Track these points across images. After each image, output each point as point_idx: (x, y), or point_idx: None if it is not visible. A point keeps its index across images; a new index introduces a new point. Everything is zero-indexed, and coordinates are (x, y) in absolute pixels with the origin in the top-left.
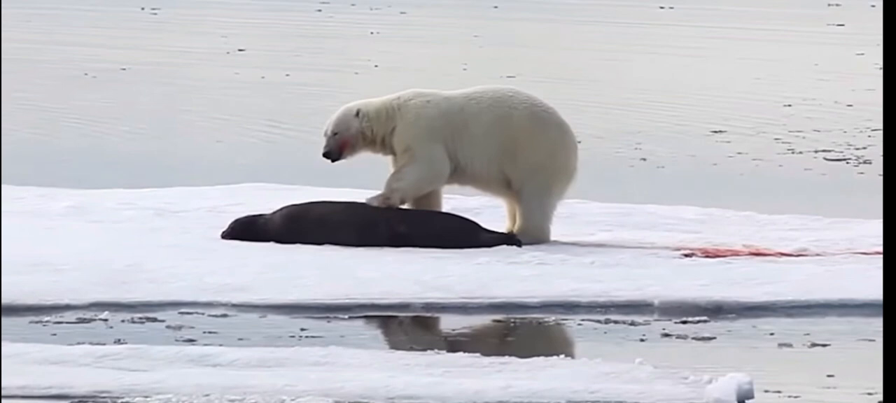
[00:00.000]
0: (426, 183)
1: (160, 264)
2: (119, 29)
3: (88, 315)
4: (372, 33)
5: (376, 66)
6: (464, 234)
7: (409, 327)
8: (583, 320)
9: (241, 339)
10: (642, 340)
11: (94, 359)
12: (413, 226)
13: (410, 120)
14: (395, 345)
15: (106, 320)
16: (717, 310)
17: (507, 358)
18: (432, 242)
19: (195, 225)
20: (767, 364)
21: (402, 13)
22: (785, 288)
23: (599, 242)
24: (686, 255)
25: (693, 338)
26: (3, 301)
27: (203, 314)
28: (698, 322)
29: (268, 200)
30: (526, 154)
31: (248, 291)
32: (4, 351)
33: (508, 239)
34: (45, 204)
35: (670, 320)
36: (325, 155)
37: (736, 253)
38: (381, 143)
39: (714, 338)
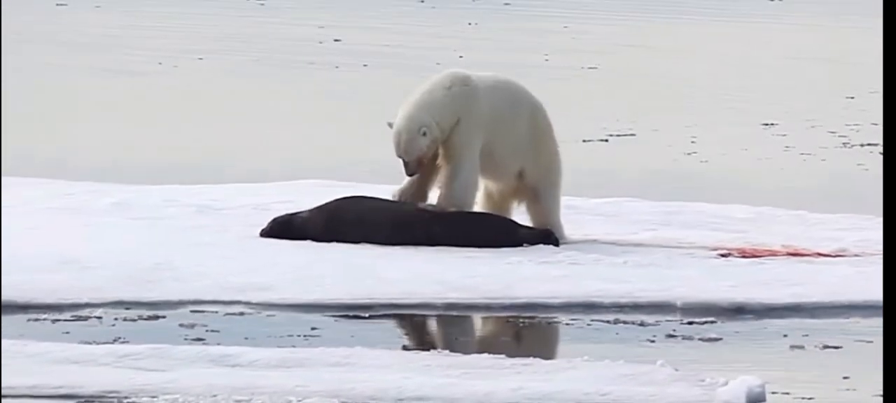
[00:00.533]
0: (476, 187)
1: (188, 263)
2: (222, 16)
3: (104, 313)
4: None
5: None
6: (501, 234)
7: (433, 327)
8: (601, 320)
9: (258, 338)
10: (652, 341)
11: (114, 359)
12: (449, 226)
13: (473, 114)
14: (417, 345)
15: (120, 319)
16: (738, 311)
17: (528, 360)
18: (469, 241)
19: (235, 223)
20: (778, 366)
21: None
22: (812, 290)
23: (638, 242)
24: (722, 255)
25: (700, 339)
26: (22, 299)
27: (218, 313)
28: (705, 323)
29: (319, 197)
30: (546, 148)
31: (270, 290)
32: (17, 350)
33: (546, 236)
34: (92, 200)
35: (681, 321)
36: (411, 174)
37: (773, 254)
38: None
39: (720, 339)
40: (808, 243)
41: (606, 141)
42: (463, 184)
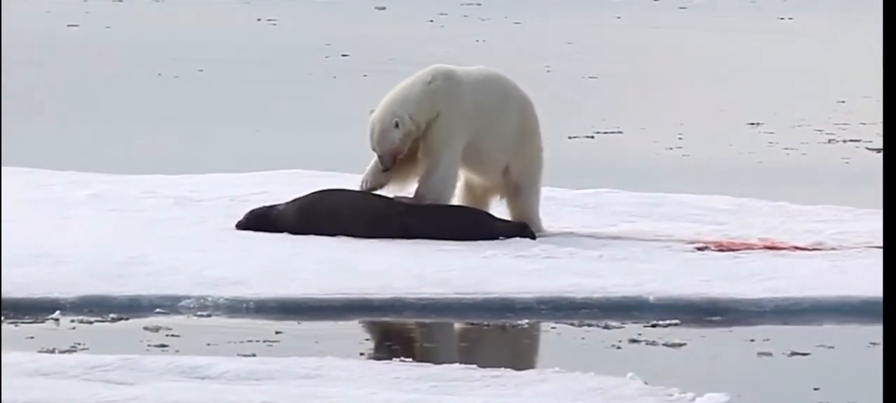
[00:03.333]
0: (455, 181)
1: (162, 256)
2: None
3: (75, 314)
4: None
5: None
6: (477, 227)
7: (405, 330)
8: (568, 323)
9: (227, 345)
10: (618, 347)
11: (84, 370)
12: (425, 219)
13: (454, 109)
14: (387, 353)
15: (89, 321)
16: (709, 309)
17: (498, 371)
18: (445, 234)
19: (213, 215)
20: (746, 376)
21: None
22: (785, 285)
23: (616, 234)
24: (699, 249)
25: (664, 345)
26: None
27: (188, 316)
28: (670, 325)
29: (298, 188)
30: (531, 144)
31: (244, 285)
32: None
33: (522, 229)
34: (70, 191)
35: (646, 324)
36: (385, 168)
37: (750, 247)
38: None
39: (684, 344)
40: (787, 235)
41: (592, 138)
42: (441, 177)
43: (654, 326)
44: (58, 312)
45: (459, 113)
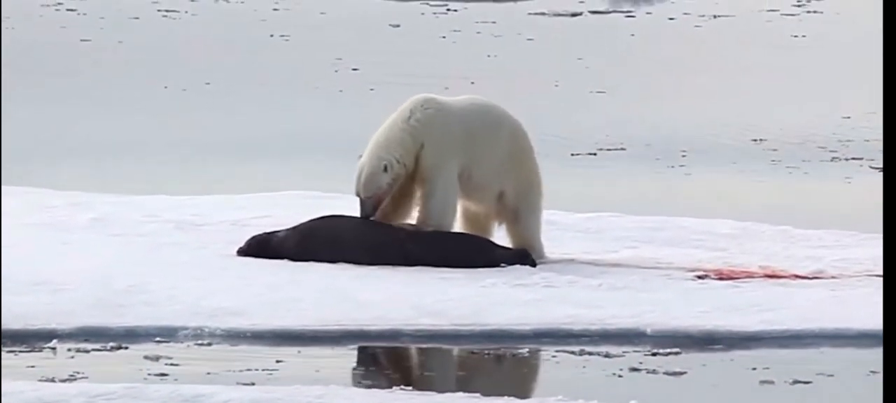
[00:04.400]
0: (454, 206)
1: (161, 285)
2: None
3: (74, 343)
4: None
5: None
6: (477, 253)
7: (406, 361)
8: (567, 351)
9: (226, 374)
10: (619, 376)
11: (87, 399)
12: (426, 246)
13: (438, 136)
14: (390, 383)
15: (88, 351)
16: (707, 340)
17: (502, 399)
18: (446, 261)
19: (214, 240)
20: None
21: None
22: (783, 316)
23: (617, 261)
24: (699, 277)
25: (665, 373)
26: None
27: (188, 345)
28: (670, 354)
29: (300, 211)
30: (526, 169)
31: (241, 315)
32: None
33: (523, 257)
34: (71, 215)
35: (646, 352)
36: (366, 215)
37: (750, 275)
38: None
39: (685, 373)
40: (788, 262)
41: (595, 155)
42: (439, 203)
43: (654, 355)
44: (55, 341)
45: (445, 138)
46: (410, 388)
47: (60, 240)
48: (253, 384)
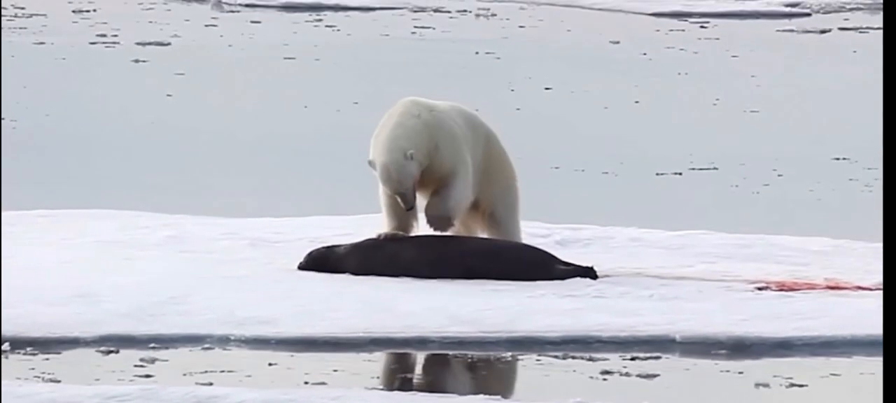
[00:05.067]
0: (469, 193)
1: (202, 296)
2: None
3: (94, 350)
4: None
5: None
6: (537, 267)
7: (429, 366)
8: (587, 358)
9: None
10: (604, 378)
11: (101, 401)
12: (486, 260)
13: (450, 136)
14: (411, 387)
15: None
16: (738, 346)
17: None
18: (505, 275)
19: (283, 256)
20: None
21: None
22: (820, 324)
23: (685, 275)
24: (758, 289)
25: (637, 376)
26: (10, 332)
27: (212, 350)
28: (648, 359)
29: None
30: (501, 174)
31: (271, 324)
32: (6, 391)
33: (584, 271)
34: (149, 233)
35: (630, 357)
36: (409, 207)
37: (812, 287)
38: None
39: (658, 376)
40: (869, 277)
41: (680, 174)
42: (460, 197)
43: (633, 359)
44: (77, 348)
45: (458, 138)
46: (433, 392)
47: (123, 256)
48: (273, 385)
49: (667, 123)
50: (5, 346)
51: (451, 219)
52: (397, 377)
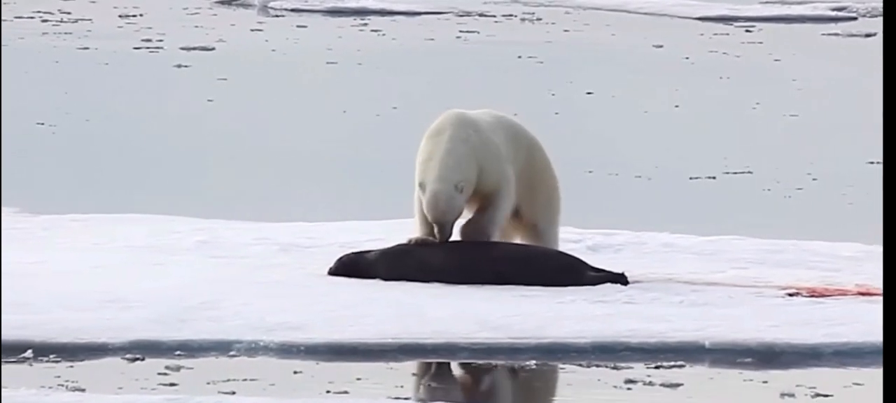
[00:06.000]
0: (508, 211)
1: (233, 302)
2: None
3: (122, 357)
4: None
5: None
6: (568, 273)
7: (455, 374)
8: (613, 366)
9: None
10: (630, 388)
11: None
12: (517, 265)
13: (494, 156)
14: (437, 396)
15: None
16: (768, 352)
17: None
18: (536, 280)
19: (314, 261)
20: None
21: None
22: (850, 330)
23: (716, 280)
24: (789, 295)
25: (661, 385)
26: (40, 337)
27: (240, 358)
28: (673, 367)
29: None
30: (544, 185)
31: (300, 330)
32: (33, 402)
33: (616, 277)
34: (181, 239)
35: (655, 366)
36: (446, 238)
37: (843, 293)
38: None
39: (681, 384)
40: None
41: (714, 178)
42: (500, 217)
43: (657, 368)
44: (102, 356)
45: (499, 156)
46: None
47: (154, 261)
48: (300, 396)
49: (704, 127)
50: (28, 353)
51: (488, 239)
52: (419, 386)
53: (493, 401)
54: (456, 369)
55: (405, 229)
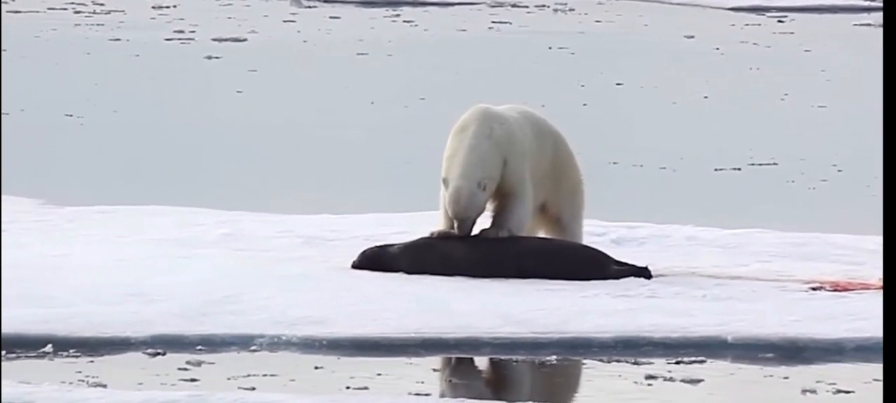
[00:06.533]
0: (529, 214)
1: (255, 295)
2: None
3: (145, 352)
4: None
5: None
6: (591, 267)
7: (478, 370)
8: (634, 361)
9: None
10: (649, 383)
11: None
12: (540, 260)
13: (518, 150)
14: (460, 392)
15: (153, 357)
16: (790, 347)
17: None
18: (560, 274)
19: (338, 255)
20: None
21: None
22: (871, 325)
23: (740, 274)
24: (813, 289)
25: (681, 381)
26: (63, 331)
27: (263, 353)
28: (693, 363)
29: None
30: (568, 178)
31: (322, 325)
32: (56, 397)
33: (639, 271)
34: (205, 231)
35: (675, 361)
36: (466, 233)
37: (866, 287)
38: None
39: (701, 380)
40: None
41: (739, 169)
42: (524, 214)
43: (678, 363)
44: (124, 351)
45: (523, 151)
46: (481, 398)
47: (179, 255)
48: (321, 393)
49: (731, 118)
50: (48, 348)
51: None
52: (439, 382)
53: (512, 397)
54: (478, 364)
55: (429, 222)
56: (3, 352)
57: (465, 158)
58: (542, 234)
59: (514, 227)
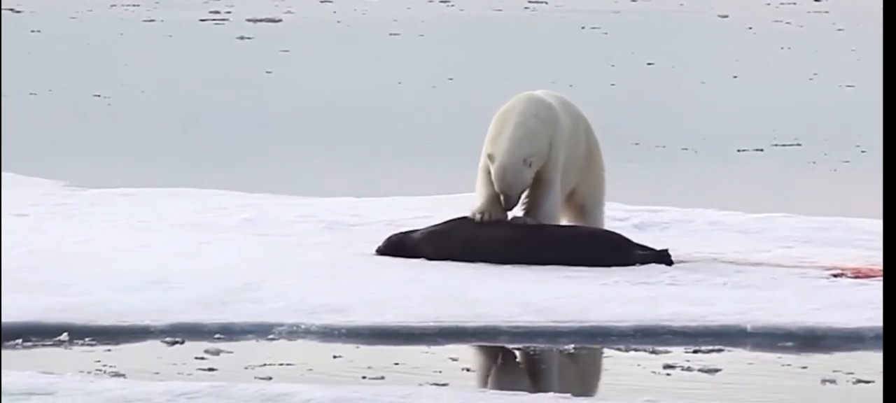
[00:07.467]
0: (559, 204)
1: (276, 282)
2: None
3: (164, 341)
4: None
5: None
6: (613, 252)
7: (497, 359)
8: (653, 350)
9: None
10: (667, 373)
11: (170, 398)
12: (562, 245)
13: (561, 135)
14: (480, 382)
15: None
16: (809, 336)
17: (592, 400)
18: (582, 261)
19: (360, 240)
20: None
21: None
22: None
23: (762, 260)
24: (834, 276)
25: (699, 370)
26: (81, 320)
27: (281, 342)
28: (711, 352)
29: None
30: (595, 165)
31: (342, 313)
32: (76, 387)
33: (661, 256)
34: (226, 215)
35: (693, 350)
36: (511, 208)
37: None
38: None
39: (719, 370)
40: None
41: (762, 150)
42: (553, 205)
43: (695, 352)
44: (142, 339)
45: (562, 139)
46: (501, 389)
47: (200, 240)
48: (342, 382)
49: (758, 98)
50: (64, 336)
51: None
52: (455, 371)
53: (530, 386)
54: (489, 353)
55: (453, 206)
56: (20, 341)
57: (512, 134)
58: (565, 221)
59: (543, 218)
